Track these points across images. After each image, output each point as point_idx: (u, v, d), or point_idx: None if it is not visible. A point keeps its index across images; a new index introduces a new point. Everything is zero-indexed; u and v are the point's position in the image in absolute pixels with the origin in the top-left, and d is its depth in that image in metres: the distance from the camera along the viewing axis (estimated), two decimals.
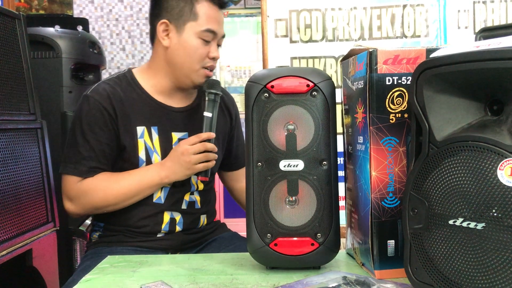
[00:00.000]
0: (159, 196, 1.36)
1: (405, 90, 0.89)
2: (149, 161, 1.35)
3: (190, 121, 1.41)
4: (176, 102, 1.42)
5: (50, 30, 2.12)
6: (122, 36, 3.80)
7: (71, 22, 2.29)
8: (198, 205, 1.43)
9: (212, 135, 1.32)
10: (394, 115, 0.90)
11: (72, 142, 1.34)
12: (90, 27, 3.52)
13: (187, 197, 1.40)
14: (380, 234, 0.91)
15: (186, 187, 1.39)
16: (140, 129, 1.34)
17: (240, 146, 1.59)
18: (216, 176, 1.61)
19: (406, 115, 0.90)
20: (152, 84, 1.40)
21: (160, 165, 1.32)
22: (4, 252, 1.40)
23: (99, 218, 1.44)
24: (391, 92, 0.89)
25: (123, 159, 1.35)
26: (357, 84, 0.95)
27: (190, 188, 1.40)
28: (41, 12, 3.85)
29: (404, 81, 0.89)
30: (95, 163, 1.32)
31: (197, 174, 1.34)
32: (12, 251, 1.44)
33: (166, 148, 1.36)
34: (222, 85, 2.18)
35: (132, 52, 3.79)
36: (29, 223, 1.55)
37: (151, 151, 1.35)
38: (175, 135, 1.38)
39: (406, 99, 0.89)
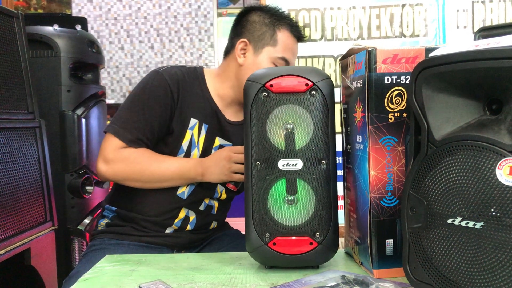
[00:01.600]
0: (183, 191, 1.38)
1: (404, 89, 0.89)
2: (188, 153, 1.37)
3: (237, 134, 1.44)
4: (230, 115, 1.45)
5: (49, 29, 2.11)
6: (121, 35, 3.80)
7: (69, 21, 2.29)
8: (215, 211, 1.45)
9: None
10: (393, 114, 0.90)
11: (128, 107, 1.35)
12: (89, 26, 3.52)
13: (207, 200, 1.42)
14: (378, 233, 0.91)
15: (210, 191, 1.41)
16: (193, 121, 1.38)
17: None
18: None
19: (405, 114, 0.90)
20: (217, 88, 1.44)
21: (200, 161, 1.34)
22: (2, 251, 1.39)
23: (114, 202, 1.44)
24: (390, 91, 0.89)
25: (166, 143, 1.37)
26: (356, 83, 0.95)
27: (213, 195, 1.43)
28: (40, 11, 3.85)
29: (403, 80, 0.89)
30: (142, 136, 1.33)
31: (229, 181, 1.36)
32: (10, 250, 1.44)
33: (207, 147, 1.40)
34: None
35: (131, 51, 3.79)
36: (27, 222, 1.55)
37: (194, 145, 1.38)
38: (219, 140, 1.42)
39: (405, 98, 0.89)
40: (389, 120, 0.90)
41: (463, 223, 0.70)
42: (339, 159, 1.08)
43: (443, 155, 0.74)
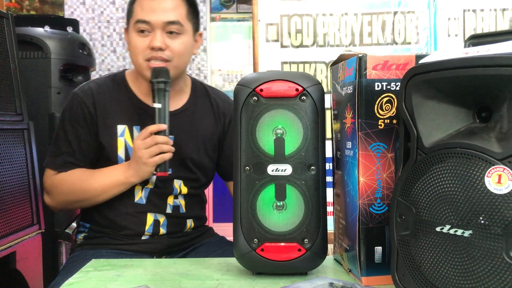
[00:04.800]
0: (140, 197, 1.37)
1: (394, 96, 0.89)
2: (128, 160, 1.35)
3: (176, 125, 1.38)
4: None
5: (39, 30, 2.10)
6: (113, 38, 3.78)
7: (61, 23, 2.27)
8: (183, 209, 1.42)
9: (163, 127, 1.27)
10: (382, 120, 0.89)
11: (55, 136, 1.39)
12: (81, 28, 3.50)
13: (170, 201, 1.40)
14: (367, 240, 0.91)
15: (168, 189, 1.39)
16: (120, 128, 1.35)
17: None
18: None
19: (394, 121, 0.89)
20: (138, 85, 1.42)
21: (127, 164, 1.32)
22: None
23: (85, 218, 1.43)
24: (380, 98, 0.89)
25: (104, 157, 1.37)
26: (346, 89, 0.95)
27: (172, 191, 1.39)
28: (32, 12, 3.83)
29: (393, 87, 0.89)
30: (71, 158, 1.35)
31: (156, 170, 1.29)
32: None
33: None
34: None
35: (123, 54, 3.77)
36: (13, 225, 1.53)
37: (130, 150, 1.35)
38: None
39: (395, 105, 0.89)
40: (379, 126, 0.89)
41: (451, 231, 0.70)
42: (328, 165, 1.07)
43: (432, 162, 0.73)
